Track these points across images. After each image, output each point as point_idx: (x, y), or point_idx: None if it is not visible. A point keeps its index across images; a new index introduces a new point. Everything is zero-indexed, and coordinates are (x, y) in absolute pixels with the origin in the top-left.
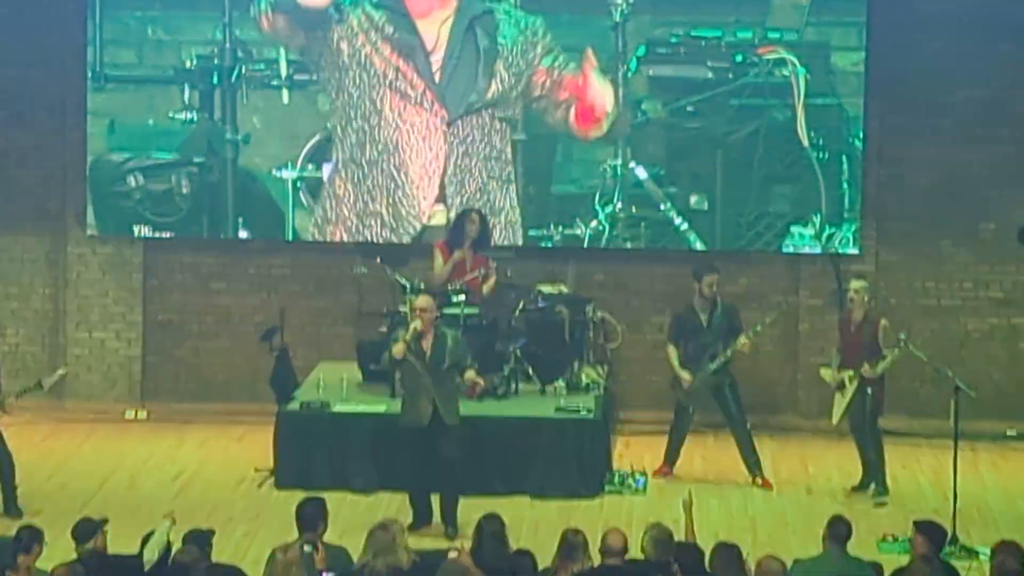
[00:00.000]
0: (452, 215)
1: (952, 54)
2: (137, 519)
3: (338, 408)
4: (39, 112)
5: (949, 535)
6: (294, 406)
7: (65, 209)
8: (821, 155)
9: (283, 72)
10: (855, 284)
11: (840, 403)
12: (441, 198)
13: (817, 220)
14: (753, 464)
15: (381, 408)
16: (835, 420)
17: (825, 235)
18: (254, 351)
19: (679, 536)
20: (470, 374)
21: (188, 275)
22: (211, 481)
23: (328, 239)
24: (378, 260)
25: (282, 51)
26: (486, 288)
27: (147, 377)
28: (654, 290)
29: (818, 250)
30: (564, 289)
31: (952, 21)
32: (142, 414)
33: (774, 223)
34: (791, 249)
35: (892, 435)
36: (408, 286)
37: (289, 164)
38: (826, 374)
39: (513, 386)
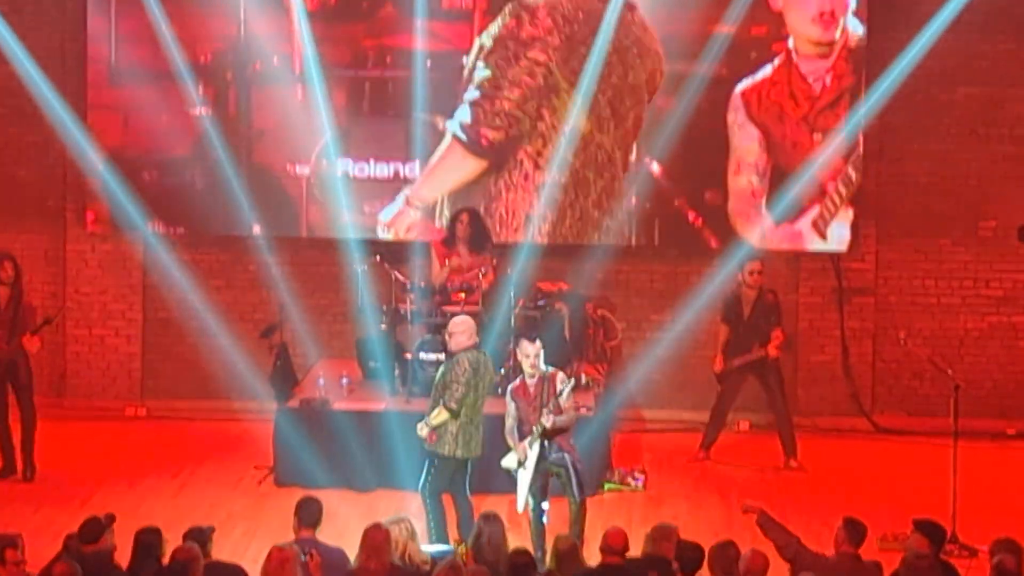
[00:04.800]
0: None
1: (952, 52)
2: (136, 517)
3: (337, 406)
4: (39, 109)
5: (948, 533)
6: (293, 404)
7: (65, 206)
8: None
9: (297, 68)
10: (526, 349)
11: (524, 480)
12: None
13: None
14: (790, 448)
15: (381, 406)
16: (520, 506)
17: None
18: (254, 348)
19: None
20: (435, 414)
21: (187, 272)
22: (210, 479)
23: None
24: (377, 258)
25: (297, 47)
26: (486, 286)
27: (147, 374)
28: (654, 288)
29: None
30: (564, 287)
31: (952, 19)
32: (141, 411)
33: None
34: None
35: (892, 433)
36: (408, 283)
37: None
38: (509, 461)
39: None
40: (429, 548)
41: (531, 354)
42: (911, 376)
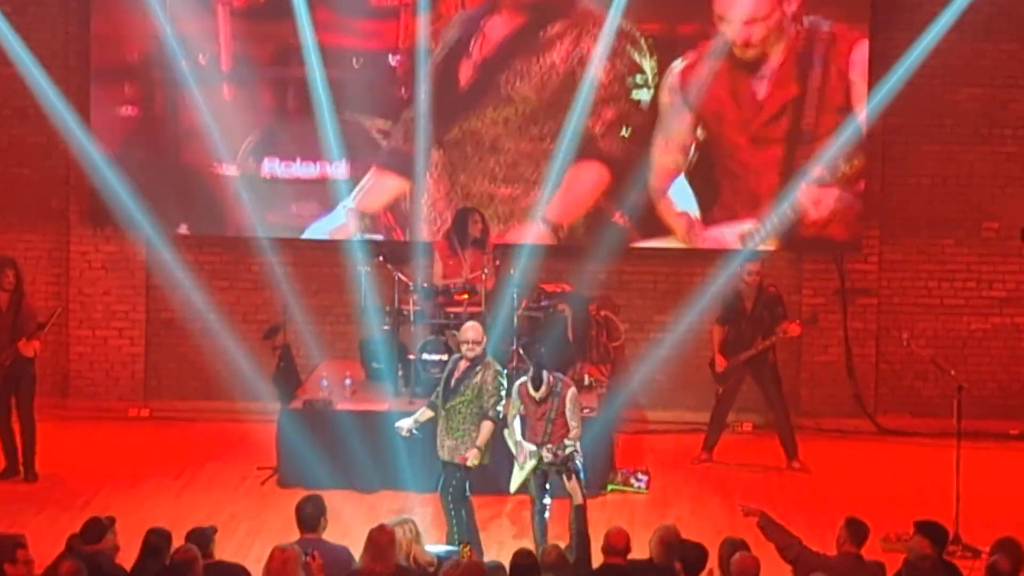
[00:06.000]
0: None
1: (955, 53)
2: (139, 518)
3: (340, 407)
4: (41, 110)
5: (951, 534)
6: (297, 404)
7: (68, 207)
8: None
9: (224, 67)
10: (535, 396)
11: (519, 473)
12: None
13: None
14: (791, 450)
15: (384, 407)
16: (513, 488)
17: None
18: (257, 349)
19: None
20: (484, 433)
21: (191, 273)
22: (213, 479)
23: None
24: (380, 259)
25: (223, 46)
26: (488, 286)
27: (150, 375)
28: (657, 289)
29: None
30: (567, 288)
31: (955, 20)
32: (144, 412)
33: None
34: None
35: (895, 434)
36: (411, 284)
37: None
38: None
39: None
40: (434, 548)
41: (538, 397)
42: (914, 377)
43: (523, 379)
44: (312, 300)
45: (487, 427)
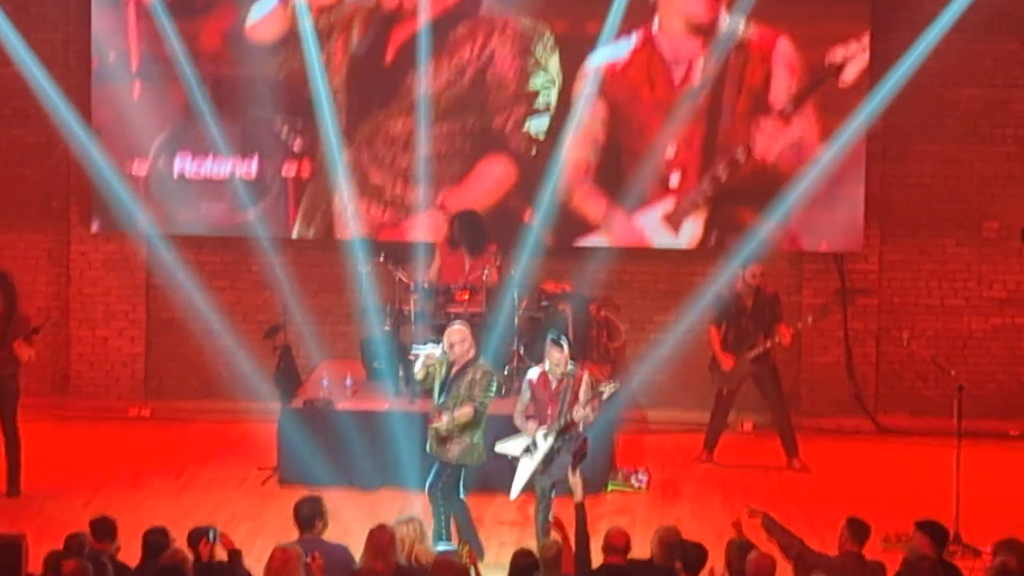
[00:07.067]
0: None
1: (955, 53)
2: (140, 517)
3: (341, 406)
4: (42, 110)
5: (951, 534)
6: (297, 404)
7: (69, 207)
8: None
9: (134, 65)
10: (555, 358)
11: (527, 467)
12: None
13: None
14: (791, 449)
15: (384, 406)
16: (514, 495)
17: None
18: (257, 349)
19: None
20: (463, 412)
21: (191, 273)
22: (214, 479)
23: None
24: (381, 258)
25: (134, 44)
26: (489, 287)
27: (150, 375)
28: (657, 289)
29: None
30: (567, 288)
31: (955, 20)
32: (145, 412)
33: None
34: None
35: (895, 434)
36: (412, 284)
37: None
38: (509, 447)
39: (515, 385)
40: (438, 548)
41: (560, 362)
42: (914, 377)
43: (534, 369)
44: (312, 300)
45: (468, 408)
